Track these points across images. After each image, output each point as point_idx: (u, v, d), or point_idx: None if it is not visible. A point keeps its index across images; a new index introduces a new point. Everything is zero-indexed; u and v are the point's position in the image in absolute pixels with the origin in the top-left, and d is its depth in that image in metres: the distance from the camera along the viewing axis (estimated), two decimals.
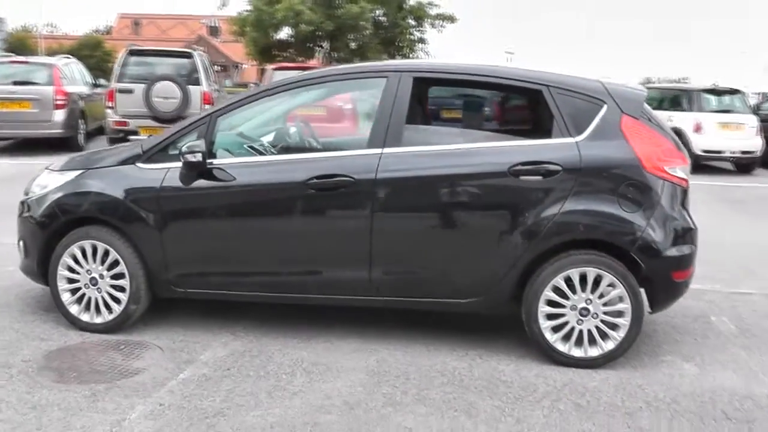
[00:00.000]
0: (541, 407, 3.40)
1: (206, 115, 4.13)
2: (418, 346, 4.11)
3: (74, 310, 4.22)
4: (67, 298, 4.21)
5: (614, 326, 3.85)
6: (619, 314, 3.84)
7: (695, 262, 4.03)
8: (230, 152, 4.22)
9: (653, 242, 3.79)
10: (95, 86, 15.00)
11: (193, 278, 4.11)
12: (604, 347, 3.86)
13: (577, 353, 3.87)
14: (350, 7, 23.47)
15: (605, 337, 3.86)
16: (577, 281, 3.82)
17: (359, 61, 27.68)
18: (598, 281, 3.82)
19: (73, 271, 4.18)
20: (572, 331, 3.86)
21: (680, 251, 3.88)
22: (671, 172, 3.87)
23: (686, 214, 3.96)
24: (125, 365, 3.77)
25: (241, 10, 25.09)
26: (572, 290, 3.83)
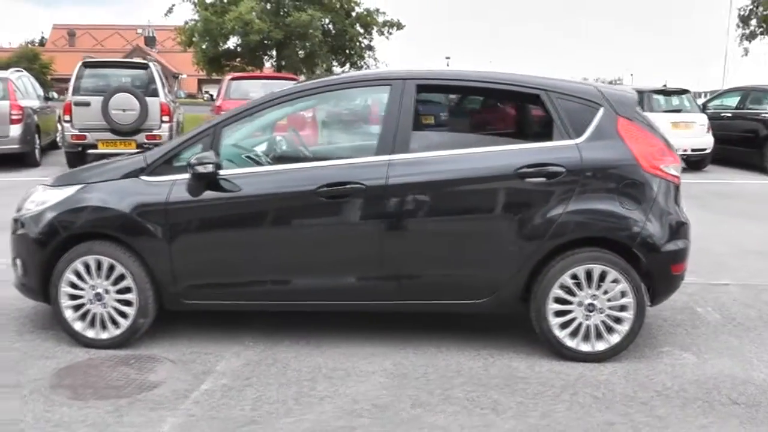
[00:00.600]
0: (561, 401, 3.52)
1: (211, 126, 4.12)
2: (428, 347, 4.19)
3: (78, 326, 4.14)
4: (70, 314, 4.14)
5: (619, 320, 4.01)
6: (623, 308, 3.99)
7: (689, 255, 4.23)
8: (234, 162, 4.22)
9: (653, 238, 3.96)
10: (47, 99, 14.61)
11: (202, 289, 4.10)
12: (610, 341, 4.01)
13: (585, 348, 4.01)
14: (299, 15, 23.46)
15: (611, 331, 4.01)
16: (583, 278, 3.96)
17: (307, 69, 27.74)
18: (602, 278, 3.96)
19: (76, 287, 4.11)
20: (580, 326, 4.00)
21: (677, 245, 4.07)
22: (666, 170, 4.06)
23: (679, 209, 4.15)
24: (141, 379, 3.73)
25: (188, 19, 24.78)
26: (578, 287, 3.97)
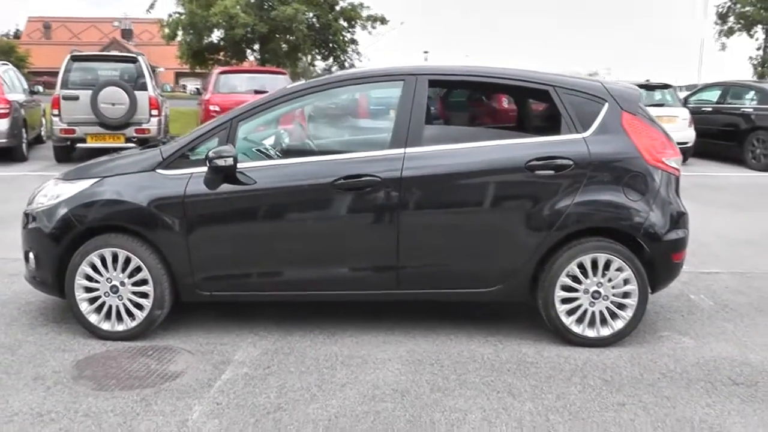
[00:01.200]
0: (573, 384, 3.66)
1: (226, 120, 4.20)
2: (438, 335, 4.32)
3: (94, 319, 4.21)
4: (85, 307, 4.20)
5: (623, 306, 4.16)
6: (626, 295, 4.15)
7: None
8: (248, 156, 4.31)
9: (656, 227, 4.12)
10: (32, 93, 14.50)
11: (219, 281, 4.18)
12: (614, 326, 4.17)
13: (590, 334, 4.16)
14: (284, 9, 23.38)
15: (615, 317, 4.17)
16: (589, 266, 4.10)
17: (290, 63, 27.67)
18: (607, 266, 4.11)
19: (91, 279, 4.17)
20: (585, 313, 4.15)
21: (677, 234, 4.23)
22: (667, 162, 4.22)
23: (679, 200, 4.31)
24: (162, 370, 3.81)
25: (171, 12, 24.59)
26: (584, 275, 4.12)
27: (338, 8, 26.23)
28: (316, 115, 5.20)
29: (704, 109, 15.01)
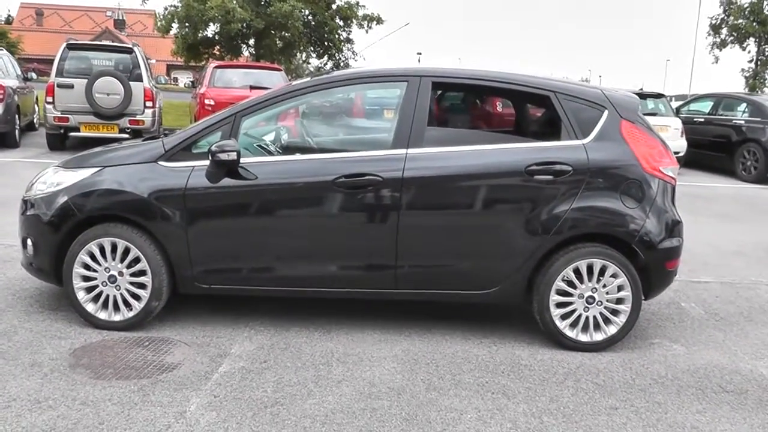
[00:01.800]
0: (566, 387, 3.71)
1: (230, 114, 4.22)
2: (433, 335, 4.35)
3: (90, 308, 4.21)
4: (82, 296, 4.20)
5: (616, 312, 4.22)
6: (620, 301, 4.20)
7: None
8: (249, 151, 4.33)
9: (651, 235, 4.18)
10: (25, 80, 14.41)
11: (217, 274, 4.20)
12: (607, 332, 4.22)
13: (583, 338, 4.21)
14: (281, 5, 23.35)
15: (608, 322, 4.22)
16: (584, 272, 4.15)
17: (284, 60, 27.64)
18: (602, 271, 4.16)
19: (89, 268, 4.18)
20: (579, 318, 4.20)
21: (672, 243, 4.29)
22: (664, 171, 4.27)
23: (675, 209, 4.37)
24: (158, 361, 3.82)
25: (168, 5, 24.49)
26: (580, 280, 4.17)
27: (334, 6, 26.22)
28: (318, 112, 5.22)
29: (696, 119, 15.15)
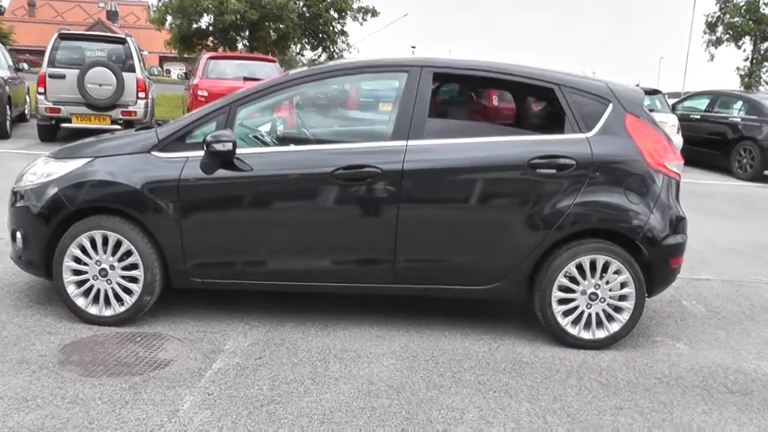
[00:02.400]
0: (570, 386, 3.63)
1: (226, 104, 4.11)
2: (432, 331, 4.26)
3: (81, 302, 4.10)
4: (72, 290, 4.09)
5: (619, 309, 4.13)
6: (623, 298, 4.12)
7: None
8: (244, 142, 4.22)
9: (655, 231, 4.09)
10: (17, 70, 14.23)
11: (212, 268, 4.10)
12: (610, 329, 4.14)
13: (586, 336, 4.13)
14: None
15: (611, 319, 4.14)
16: (587, 268, 4.07)
17: (279, 52, 27.49)
18: (605, 268, 4.08)
19: (80, 262, 4.07)
20: (582, 315, 4.12)
21: (676, 239, 4.21)
22: (669, 166, 4.19)
23: (679, 205, 4.29)
24: (150, 357, 3.72)
25: None
26: (582, 276, 4.08)
27: None
28: (315, 103, 5.11)
29: (692, 116, 15.10)
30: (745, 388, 3.78)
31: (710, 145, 14.32)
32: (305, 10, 26.45)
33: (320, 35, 27.17)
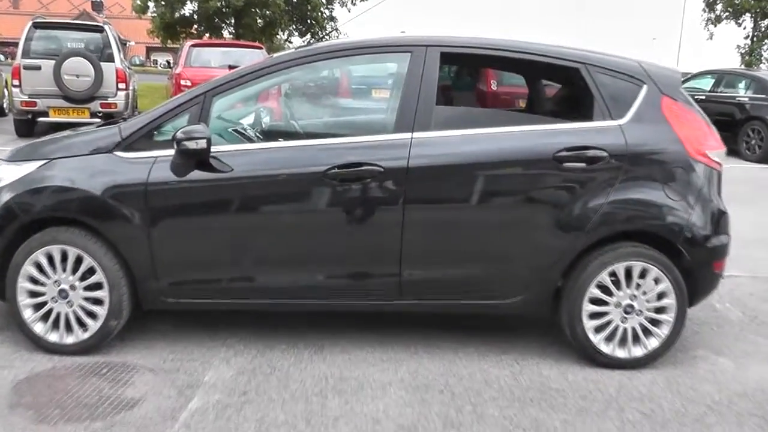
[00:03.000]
0: (610, 418, 3.09)
1: (199, 93, 3.53)
2: (444, 352, 3.73)
3: (39, 329, 3.54)
4: (29, 315, 3.53)
5: (658, 323, 3.60)
6: (662, 310, 3.59)
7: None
8: (223, 137, 3.66)
9: (698, 232, 3.57)
10: None
11: (188, 286, 3.54)
12: (648, 346, 3.61)
13: (621, 354, 3.60)
14: None
15: (649, 334, 3.61)
16: (622, 276, 3.53)
17: (266, 39, 26.77)
18: (642, 275, 3.54)
19: (37, 282, 3.50)
20: (616, 330, 3.59)
21: (720, 240, 3.69)
22: (711, 156, 3.66)
23: (721, 200, 3.76)
24: (117, 395, 3.16)
25: None
26: (617, 286, 3.55)
27: None
28: (305, 90, 4.52)
29: (697, 97, 14.53)
30: None
31: (716, 126, 13.52)
32: None
33: (308, 21, 26.48)
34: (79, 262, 3.47)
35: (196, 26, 24.80)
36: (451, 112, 3.78)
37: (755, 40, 29.84)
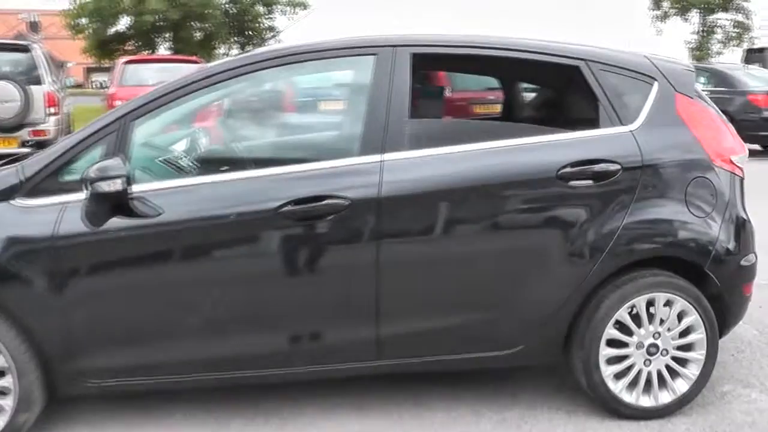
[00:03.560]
0: None
1: (116, 118, 2.82)
2: (434, 413, 3.10)
3: None
4: None
5: (685, 362, 3.04)
6: (691, 347, 3.04)
7: None
8: (151, 171, 2.96)
9: (727, 252, 3.03)
10: None
11: (115, 364, 2.81)
12: (676, 390, 3.05)
13: (646, 403, 3.03)
14: None
15: (675, 376, 3.05)
16: (643, 311, 2.96)
17: (205, 53, 25.89)
18: (665, 308, 2.98)
19: None
20: (639, 375, 3.01)
21: (749, 260, 3.16)
22: (735, 161, 3.13)
23: (745, 212, 3.23)
24: None
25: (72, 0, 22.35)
26: (637, 324, 2.97)
27: None
28: (248, 107, 3.81)
29: None
30: None
31: None
32: (231, 5, 24.95)
33: (247, 32, 25.72)
34: None
35: (131, 42, 23.80)
36: (428, 125, 3.11)
37: (703, 35, 30.29)
